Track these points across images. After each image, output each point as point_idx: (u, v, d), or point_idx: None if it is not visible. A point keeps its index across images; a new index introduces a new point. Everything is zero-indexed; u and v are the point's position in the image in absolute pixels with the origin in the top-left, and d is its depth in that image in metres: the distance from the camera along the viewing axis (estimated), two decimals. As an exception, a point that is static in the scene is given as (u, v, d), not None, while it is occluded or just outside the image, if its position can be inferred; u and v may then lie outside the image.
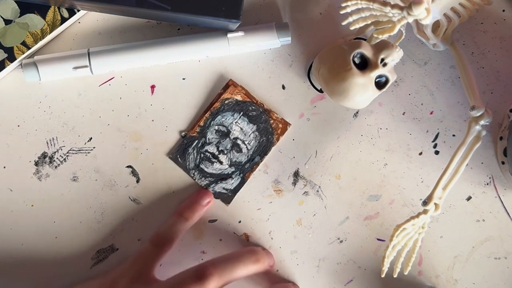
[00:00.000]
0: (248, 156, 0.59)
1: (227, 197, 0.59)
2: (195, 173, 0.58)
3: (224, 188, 0.58)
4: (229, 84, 0.59)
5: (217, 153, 0.59)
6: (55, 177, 0.58)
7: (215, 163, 0.59)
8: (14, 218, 0.58)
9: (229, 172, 0.59)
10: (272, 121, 0.59)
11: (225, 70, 0.59)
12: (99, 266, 0.58)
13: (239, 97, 0.59)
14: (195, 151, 0.58)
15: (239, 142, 0.59)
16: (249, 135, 0.59)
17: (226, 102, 0.59)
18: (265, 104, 0.59)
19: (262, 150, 0.59)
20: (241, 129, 0.59)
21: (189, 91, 0.59)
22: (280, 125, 0.59)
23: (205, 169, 0.58)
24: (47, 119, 0.58)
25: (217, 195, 0.58)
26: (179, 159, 0.58)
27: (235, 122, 0.59)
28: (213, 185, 0.58)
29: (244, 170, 0.59)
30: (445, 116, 0.60)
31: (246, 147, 0.59)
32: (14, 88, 0.58)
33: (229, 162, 0.59)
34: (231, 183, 0.59)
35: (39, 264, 0.58)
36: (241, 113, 0.59)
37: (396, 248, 0.54)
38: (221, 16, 0.54)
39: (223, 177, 0.59)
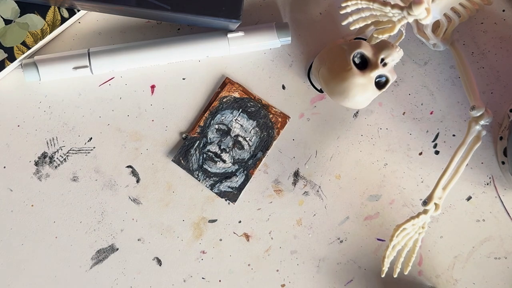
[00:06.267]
0: (250, 153, 0.59)
1: (233, 196, 0.59)
2: (199, 174, 0.58)
3: (229, 187, 0.59)
4: (226, 82, 0.59)
5: (219, 152, 0.59)
6: (55, 177, 0.58)
7: (218, 162, 0.59)
8: (14, 218, 0.58)
9: (233, 170, 0.59)
10: (271, 116, 0.59)
11: (225, 70, 0.59)
12: (99, 266, 0.58)
13: (236, 94, 0.59)
14: (197, 152, 0.58)
15: (240, 139, 0.59)
16: (250, 131, 0.59)
17: (224, 100, 0.59)
18: (263, 100, 0.59)
19: (263, 145, 0.59)
20: (241, 126, 0.59)
21: (189, 91, 0.59)
22: (280, 119, 0.59)
23: (209, 169, 0.58)
24: (47, 119, 0.58)
25: (223, 194, 0.58)
26: (182, 161, 0.58)
27: (235, 120, 0.59)
28: (217, 184, 0.58)
29: (248, 166, 0.59)
30: (445, 116, 0.60)
31: (248, 143, 0.59)
32: (14, 88, 0.58)
33: (232, 160, 0.59)
34: (235, 181, 0.59)
35: (39, 264, 0.58)
36: (240, 110, 0.59)
37: (396, 248, 0.54)
38: (221, 16, 0.54)
39: (227, 176, 0.59)
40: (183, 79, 0.59)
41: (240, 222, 0.59)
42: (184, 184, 0.59)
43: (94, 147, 0.59)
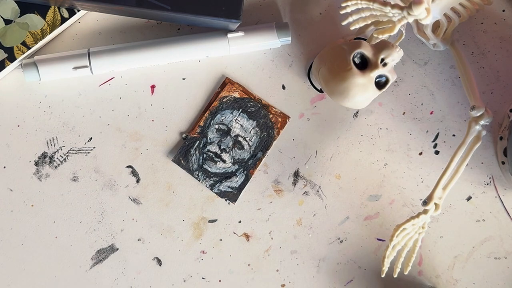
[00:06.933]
0: (250, 153, 0.59)
1: (233, 196, 0.59)
2: (199, 174, 0.58)
3: (229, 187, 0.59)
4: (226, 82, 0.59)
5: (219, 152, 0.59)
6: (55, 177, 0.58)
7: (218, 162, 0.59)
8: (14, 218, 0.58)
9: (233, 170, 0.59)
10: (271, 116, 0.59)
11: (225, 70, 0.59)
12: (99, 266, 0.58)
13: (236, 94, 0.59)
14: (197, 152, 0.58)
15: (240, 139, 0.59)
16: (250, 131, 0.59)
17: (224, 100, 0.59)
18: (263, 100, 0.59)
19: (263, 145, 0.59)
20: (241, 126, 0.59)
21: (189, 91, 0.59)
22: (280, 119, 0.59)
23: (209, 169, 0.58)
24: (47, 119, 0.58)
25: (223, 194, 0.58)
26: (182, 161, 0.58)
27: (235, 120, 0.59)
28: (217, 184, 0.58)
29: (248, 166, 0.59)
30: (445, 116, 0.60)
31: (248, 143, 0.59)
32: (14, 88, 0.58)
33: (232, 160, 0.59)
34: (235, 181, 0.59)
35: (39, 264, 0.58)
36: (240, 110, 0.59)
37: (396, 248, 0.54)
38: (221, 16, 0.54)
39: (227, 176, 0.59)
40: (183, 79, 0.59)
41: (240, 222, 0.59)
42: (184, 184, 0.59)
43: (94, 147, 0.59)
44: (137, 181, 0.59)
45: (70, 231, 0.58)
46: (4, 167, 0.58)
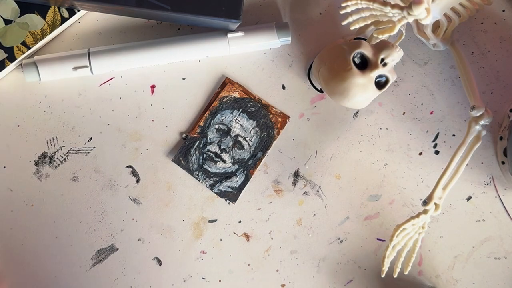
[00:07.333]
0: (250, 153, 0.59)
1: (233, 196, 0.59)
2: (199, 174, 0.58)
3: (229, 187, 0.59)
4: (226, 82, 0.59)
5: (219, 152, 0.59)
6: (55, 177, 0.58)
7: (218, 162, 0.59)
8: (14, 218, 0.58)
9: (233, 170, 0.59)
10: (271, 116, 0.59)
11: (225, 70, 0.59)
12: (99, 266, 0.58)
13: (236, 94, 0.59)
14: (197, 152, 0.58)
15: (240, 139, 0.59)
16: (250, 131, 0.59)
17: (224, 100, 0.59)
18: (263, 100, 0.59)
19: (263, 145, 0.59)
20: (241, 126, 0.59)
21: (189, 91, 0.59)
22: (280, 119, 0.59)
23: (209, 169, 0.58)
24: (47, 119, 0.58)
25: (223, 194, 0.58)
26: (182, 161, 0.58)
27: (235, 120, 0.59)
28: (217, 184, 0.58)
29: (248, 166, 0.59)
30: (445, 116, 0.60)
31: (248, 143, 0.59)
32: (14, 88, 0.58)
33: (232, 160, 0.59)
34: (235, 181, 0.59)
35: (39, 264, 0.58)
36: (240, 110, 0.59)
37: (396, 248, 0.54)
38: (221, 16, 0.54)
39: (227, 176, 0.59)
40: (183, 79, 0.59)
41: (240, 222, 0.59)
42: (184, 184, 0.59)
43: (94, 147, 0.59)
44: (137, 181, 0.59)
45: (70, 231, 0.58)
46: (4, 167, 0.58)
